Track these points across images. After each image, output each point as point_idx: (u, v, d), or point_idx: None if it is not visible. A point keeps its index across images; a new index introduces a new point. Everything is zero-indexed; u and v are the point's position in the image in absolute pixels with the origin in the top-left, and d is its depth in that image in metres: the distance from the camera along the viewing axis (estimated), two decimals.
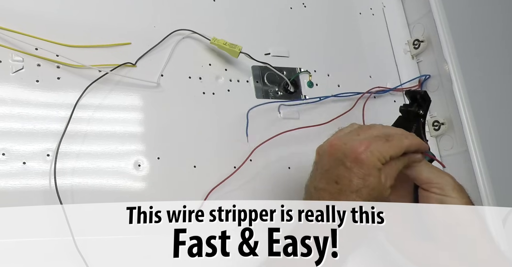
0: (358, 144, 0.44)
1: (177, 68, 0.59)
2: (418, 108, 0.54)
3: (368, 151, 0.43)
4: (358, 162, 0.43)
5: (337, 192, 0.44)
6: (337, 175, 0.44)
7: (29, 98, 0.51)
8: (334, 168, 0.44)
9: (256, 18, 0.66)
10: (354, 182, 0.43)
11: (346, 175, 0.43)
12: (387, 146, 0.45)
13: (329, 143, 0.46)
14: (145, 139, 0.54)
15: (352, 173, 0.43)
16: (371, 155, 0.43)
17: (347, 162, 0.44)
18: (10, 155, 0.48)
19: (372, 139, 0.45)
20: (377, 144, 0.44)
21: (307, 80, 0.66)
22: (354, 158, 0.43)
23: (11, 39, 0.51)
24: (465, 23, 0.89)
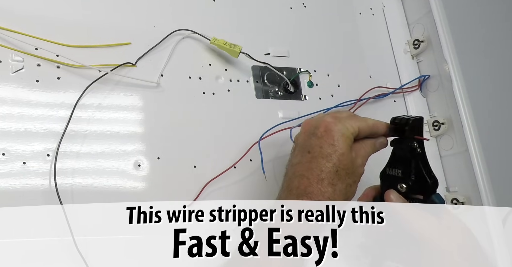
0: (328, 116, 0.48)
1: (177, 68, 0.59)
2: (410, 142, 0.49)
3: (336, 120, 0.47)
4: (328, 129, 0.47)
5: (309, 160, 0.46)
6: (309, 145, 0.47)
7: (29, 98, 0.51)
8: (306, 141, 0.47)
9: (256, 18, 0.66)
10: (324, 147, 0.46)
11: (317, 143, 0.47)
12: (354, 119, 0.49)
13: (302, 124, 0.50)
14: (145, 139, 0.54)
15: (322, 140, 0.47)
16: (339, 123, 0.47)
17: (318, 132, 0.47)
18: (10, 155, 0.48)
19: (339, 114, 0.49)
20: (344, 116, 0.49)
21: (307, 80, 0.66)
22: (324, 127, 0.47)
23: (11, 39, 0.51)
24: (465, 23, 0.89)
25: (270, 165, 0.59)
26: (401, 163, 0.49)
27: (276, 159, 0.60)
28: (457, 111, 0.64)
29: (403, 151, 0.49)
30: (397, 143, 0.50)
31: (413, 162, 0.48)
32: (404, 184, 0.49)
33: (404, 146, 0.49)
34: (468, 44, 0.84)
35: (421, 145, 0.49)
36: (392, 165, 0.50)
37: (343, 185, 0.46)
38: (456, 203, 0.64)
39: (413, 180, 0.48)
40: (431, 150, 0.68)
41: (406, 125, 0.49)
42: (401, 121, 0.49)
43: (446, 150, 0.67)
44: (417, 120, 0.49)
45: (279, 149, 0.60)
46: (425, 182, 0.48)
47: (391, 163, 0.50)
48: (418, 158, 0.49)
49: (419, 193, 0.48)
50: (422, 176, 0.48)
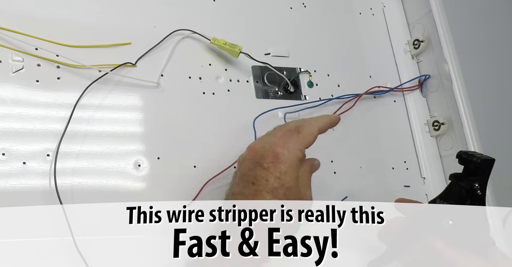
0: (275, 145, 0.44)
1: (177, 68, 0.59)
2: (472, 182, 0.45)
3: (285, 149, 0.44)
4: (275, 161, 0.43)
5: (253, 193, 0.43)
6: (254, 176, 0.43)
7: (29, 98, 0.51)
8: (252, 171, 0.44)
9: (256, 18, 0.66)
10: (270, 181, 0.43)
11: (263, 175, 0.43)
12: (300, 138, 0.45)
13: (248, 148, 0.46)
14: (145, 139, 0.54)
15: (268, 172, 0.43)
16: (288, 153, 0.44)
17: (264, 163, 0.43)
18: (10, 155, 0.48)
19: (286, 136, 0.45)
20: (291, 139, 0.45)
21: (307, 80, 0.66)
22: (272, 158, 0.43)
23: (11, 39, 0.51)
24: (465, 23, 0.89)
25: None
26: (455, 199, 0.46)
27: None
28: (457, 111, 0.64)
29: (461, 188, 0.46)
30: (457, 179, 0.46)
31: (468, 202, 0.45)
32: (451, 221, 0.46)
33: (465, 184, 0.45)
34: (468, 44, 0.84)
35: (483, 186, 0.45)
36: (445, 199, 0.47)
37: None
38: None
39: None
40: (431, 150, 0.69)
41: (474, 163, 0.45)
42: (469, 157, 0.46)
43: (446, 150, 0.67)
44: (488, 161, 0.45)
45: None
46: None
47: (444, 196, 0.47)
48: (475, 200, 0.45)
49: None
50: None
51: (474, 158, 0.45)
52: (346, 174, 0.63)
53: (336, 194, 0.61)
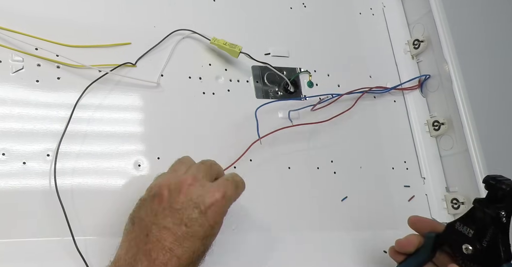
0: (217, 190, 0.43)
1: (177, 68, 0.59)
2: (499, 210, 0.44)
3: (224, 198, 0.42)
4: (214, 208, 0.42)
5: (184, 236, 0.41)
6: (189, 218, 0.41)
7: (29, 98, 0.51)
8: (186, 210, 0.41)
9: (256, 18, 0.66)
10: (204, 228, 0.41)
11: (199, 220, 0.41)
12: (236, 194, 0.45)
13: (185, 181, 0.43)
14: (145, 139, 0.54)
15: (204, 219, 0.41)
16: (226, 204, 0.43)
17: (202, 206, 0.41)
18: (10, 155, 0.48)
19: (226, 186, 0.44)
20: (230, 191, 0.44)
21: (307, 80, 0.66)
22: (211, 204, 0.42)
23: (11, 39, 0.51)
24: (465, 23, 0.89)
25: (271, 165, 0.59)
26: (477, 224, 0.45)
27: (277, 160, 0.60)
28: (457, 111, 0.64)
29: (486, 215, 0.44)
30: (482, 205, 0.45)
31: (491, 229, 0.44)
32: (471, 246, 0.45)
33: (491, 212, 0.44)
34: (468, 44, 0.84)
35: (509, 214, 0.44)
36: (465, 222, 0.46)
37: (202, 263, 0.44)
38: (456, 203, 0.64)
39: (484, 247, 0.44)
40: (431, 150, 0.69)
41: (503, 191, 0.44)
42: (497, 183, 0.44)
43: (446, 150, 0.67)
44: None
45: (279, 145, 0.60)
46: (497, 255, 0.44)
47: (465, 220, 0.46)
48: (499, 228, 0.44)
49: (485, 261, 0.44)
50: (496, 247, 0.44)
51: (504, 185, 0.44)
52: (346, 174, 0.63)
53: (336, 194, 0.61)
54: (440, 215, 0.65)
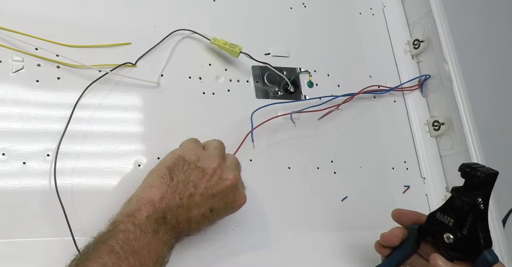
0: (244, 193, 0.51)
1: (177, 68, 0.59)
2: (475, 197, 0.44)
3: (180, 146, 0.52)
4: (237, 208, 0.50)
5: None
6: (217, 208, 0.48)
7: (29, 98, 0.51)
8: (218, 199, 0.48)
9: (256, 18, 0.66)
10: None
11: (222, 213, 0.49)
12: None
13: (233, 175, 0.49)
14: (145, 139, 0.54)
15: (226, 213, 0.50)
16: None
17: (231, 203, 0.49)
18: (10, 155, 0.48)
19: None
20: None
21: (307, 80, 0.66)
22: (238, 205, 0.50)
23: (11, 39, 0.51)
24: (465, 23, 0.89)
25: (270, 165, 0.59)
26: (456, 213, 0.46)
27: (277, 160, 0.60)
28: (457, 111, 0.64)
29: (464, 203, 0.45)
30: (459, 193, 0.45)
31: (470, 217, 0.45)
32: (452, 235, 0.46)
33: (468, 199, 0.45)
34: (468, 44, 0.84)
35: (486, 201, 0.45)
36: (445, 212, 0.47)
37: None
38: None
39: (464, 235, 0.45)
40: (431, 150, 0.69)
41: (478, 178, 0.44)
42: (472, 171, 0.44)
43: (446, 150, 0.67)
44: (492, 175, 0.44)
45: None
46: (477, 242, 0.44)
47: (445, 209, 0.47)
48: (478, 215, 0.44)
49: (466, 249, 0.45)
50: (476, 234, 0.44)
51: (478, 172, 0.44)
52: (346, 174, 0.63)
53: (336, 194, 0.61)
54: None
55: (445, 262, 0.45)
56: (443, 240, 0.46)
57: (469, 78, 0.66)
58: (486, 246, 0.44)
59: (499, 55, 0.96)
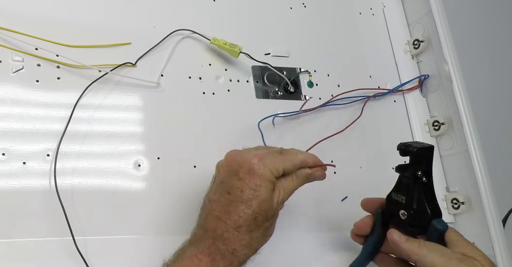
0: (253, 156, 0.44)
1: (177, 68, 0.59)
2: (415, 171, 0.47)
3: (261, 162, 0.44)
4: (251, 172, 0.44)
5: (228, 202, 0.44)
6: (230, 185, 0.44)
7: (29, 98, 0.51)
8: (228, 179, 0.45)
9: (256, 18, 0.66)
10: (245, 192, 0.43)
11: (238, 185, 0.44)
12: (280, 159, 0.46)
13: (226, 156, 0.46)
14: (145, 139, 0.54)
15: (243, 183, 0.43)
16: (264, 167, 0.44)
17: (240, 172, 0.44)
18: (10, 155, 0.48)
19: (266, 152, 0.46)
20: (270, 156, 0.45)
21: (307, 80, 0.66)
22: (248, 169, 0.44)
23: (11, 39, 0.51)
24: (465, 23, 0.89)
25: None
26: (406, 190, 0.48)
27: None
28: (457, 111, 0.64)
29: (408, 179, 0.47)
30: (402, 170, 0.48)
31: (416, 191, 0.47)
32: (406, 211, 0.48)
33: (409, 175, 0.47)
34: (468, 44, 0.84)
35: (427, 173, 0.46)
36: (397, 191, 0.49)
37: (261, 230, 0.45)
38: (456, 203, 0.64)
39: (415, 209, 0.47)
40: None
41: (412, 153, 0.46)
42: (407, 148, 0.47)
43: (446, 150, 0.67)
44: (424, 149, 0.46)
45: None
46: (425, 213, 0.46)
47: (397, 188, 0.49)
48: (421, 188, 0.46)
49: (419, 222, 0.47)
50: (423, 206, 0.46)
51: (411, 148, 0.46)
52: (346, 174, 0.63)
53: (336, 194, 0.61)
54: None
55: (399, 235, 0.47)
56: (399, 217, 0.48)
57: (469, 78, 0.66)
58: (433, 216, 0.46)
59: (499, 55, 0.96)
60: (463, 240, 0.46)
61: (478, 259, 0.44)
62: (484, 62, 0.92)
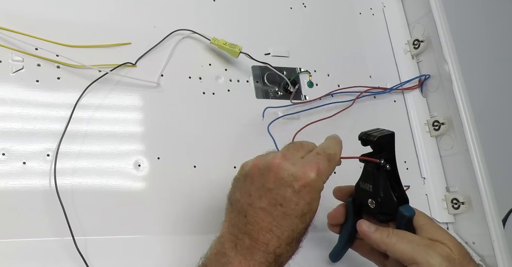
0: (309, 167, 0.42)
1: (177, 68, 0.59)
2: (379, 158, 0.46)
3: (318, 176, 0.42)
4: (308, 186, 0.41)
5: (281, 215, 0.41)
6: (283, 197, 0.41)
7: (29, 98, 0.51)
8: (279, 189, 0.41)
9: (256, 18, 0.66)
10: (301, 206, 0.41)
11: (294, 199, 0.41)
12: (330, 167, 0.44)
13: (274, 160, 0.43)
14: (145, 139, 0.54)
15: (299, 197, 0.41)
16: (321, 180, 0.43)
17: (295, 185, 0.41)
18: (10, 155, 0.48)
19: (318, 161, 0.43)
20: (323, 165, 0.43)
21: (307, 80, 0.66)
22: (304, 183, 0.41)
23: (11, 39, 0.51)
24: (465, 23, 0.89)
25: None
26: (371, 178, 0.48)
27: None
28: (457, 111, 0.64)
29: (372, 168, 0.47)
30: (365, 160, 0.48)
31: (381, 179, 0.46)
32: (373, 200, 0.48)
33: (372, 163, 0.47)
34: (468, 44, 0.84)
35: (390, 161, 0.46)
36: (365, 179, 0.49)
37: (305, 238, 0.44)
38: (456, 203, 0.64)
39: (382, 197, 0.47)
40: (431, 150, 0.69)
41: (373, 142, 0.46)
42: (367, 137, 0.46)
43: (446, 150, 0.67)
44: (384, 137, 0.46)
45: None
46: (392, 201, 0.46)
47: (364, 177, 0.49)
48: (386, 175, 0.46)
49: (388, 210, 0.47)
50: (389, 194, 0.46)
51: (371, 137, 0.46)
52: (346, 174, 0.63)
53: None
54: (440, 215, 0.65)
55: (368, 225, 0.46)
56: (368, 206, 0.48)
57: (469, 78, 0.66)
58: (400, 203, 0.46)
59: (499, 55, 0.96)
60: (430, 224, 0.46)
61: (445, 243, 0.44)
62: (484, 62, 0.92)
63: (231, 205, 0.44)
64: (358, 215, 0.50)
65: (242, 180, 0.44)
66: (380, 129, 0.48)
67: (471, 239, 0.63)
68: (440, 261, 0.42)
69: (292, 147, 0.46)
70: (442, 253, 0.43)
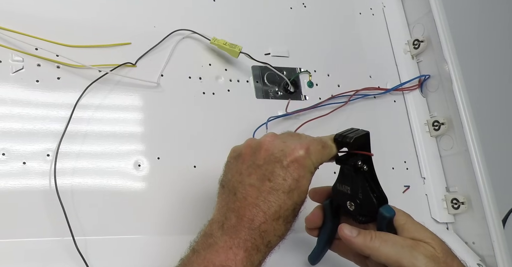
0: (299, 145, 0.43)
1: (177, 68, 0.59)
2: (355, 161, 0.45)
3: (307, 154, 0.43)
4: (296, 162, 0.42)
5: (268, 190, 0.42)
6: (271, 172, 0.42)
7: (29, 98, 0.51)
8: (268, 164, 0.42)
9: (256, 18, 0.66)
10: (288, 182, 0.42)
11: (281, 174, 0.42)
12: (322, 153, 0.44)
13: (266, 138, 0.44)
14: (145, 139, 0.54)
15: (287, 172, 0.42)
16: (309, 158, 0.43)
17: (284, 161, 0.42)
18: (10, 155, 0.48)
19: (310, 142, 0.44)
20: (314, 148, 0.44)
21: (307, 80, 0.66)
22: (293, 158, 0.42)
23: (11, 39, 0.51)
24: (465, 23, 0.89)
25: None
26: (350, 180, 0.47)
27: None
28: (457, 111, 0.64)
29: (349, 170, 0.46)
30: (342, 162, 0.47)
31: (359, 181, 0.46)
32: (352, 202, 0.47)
33: (349, 166, 0.46)
34: (468, 44, 0.84)
35: (367, 162, 0.46)
36: (342, 181, 0.48)
37: (294, 220, 0.44)
38: (456, 203, 0.64)
39: (361, 199, 0.46)
40: (431, 150, 0.69)
41: (349, 144, 0.45)
42: (343, 139, 0.45)
43: (446, 150, 0.67)
44: (360, 138, 0.45)
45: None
46: (371, 202, 0.45)
47: (341, 179, 0.48)
48: (364, 177, 0.46)
49: (367, 212, 0.46)
50: (368, 195, 0.45)
51: (347, 139, 0.45)
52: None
53: None
54: (440, 215, 0.65)
55: (350, 230, 0.45)
56: (347, 208, 0.47)
57: (469, 78, 0.66)
58: (380, 204, 0.45)
59: (499, 55, 0.97)
60: (411, 222, 0.45)
61: (428, 242, 0.43)
62: (484, 62, 0.92)
63: (222, 188, 0.45)
64: (336, 217, 0.49)
65: (233, 162, 0.45)
66: (354, 129, 0.47)
67: (471, 239, 0.63)
68: (425, 262, 0.41)
69: (288, 132, 0.47)
70: (426, 253, 0.42)
